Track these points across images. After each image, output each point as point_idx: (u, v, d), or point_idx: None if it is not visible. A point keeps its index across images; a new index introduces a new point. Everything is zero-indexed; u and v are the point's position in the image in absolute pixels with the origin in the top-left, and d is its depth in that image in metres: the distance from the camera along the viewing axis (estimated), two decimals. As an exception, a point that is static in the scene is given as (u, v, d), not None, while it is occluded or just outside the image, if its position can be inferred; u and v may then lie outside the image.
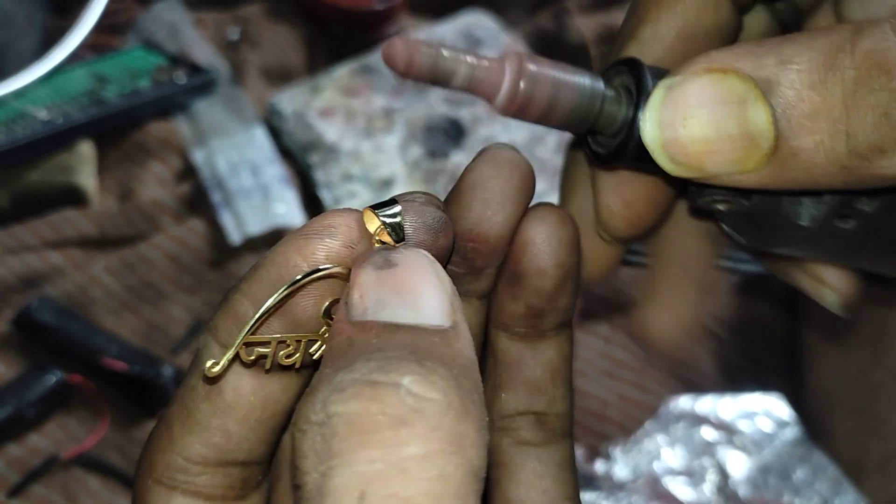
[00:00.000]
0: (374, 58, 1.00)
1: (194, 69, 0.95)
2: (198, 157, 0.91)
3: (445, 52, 0.29)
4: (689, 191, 0.34)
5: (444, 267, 0.31)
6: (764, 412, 0.74)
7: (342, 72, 0.98)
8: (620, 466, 0.73)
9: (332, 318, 0.27)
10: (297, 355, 0.27)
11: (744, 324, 0.83)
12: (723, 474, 0.72)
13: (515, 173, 0.31)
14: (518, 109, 0.30)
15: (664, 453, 0.73)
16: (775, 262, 0.39)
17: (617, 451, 0.73)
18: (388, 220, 0.28)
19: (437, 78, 0.29)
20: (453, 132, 0.94)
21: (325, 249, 0.27)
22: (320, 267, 0.27)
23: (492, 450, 0.33)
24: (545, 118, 0.31)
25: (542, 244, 0.32)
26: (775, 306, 0.84)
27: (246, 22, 1.04)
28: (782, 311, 0.83)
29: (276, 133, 0.94)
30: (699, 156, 0.28)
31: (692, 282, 0.40)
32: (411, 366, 0.23)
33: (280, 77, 1.01)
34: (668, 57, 0.34)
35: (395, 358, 0.23)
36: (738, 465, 0.73)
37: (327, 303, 0.27)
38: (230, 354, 0.26)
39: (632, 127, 0.31)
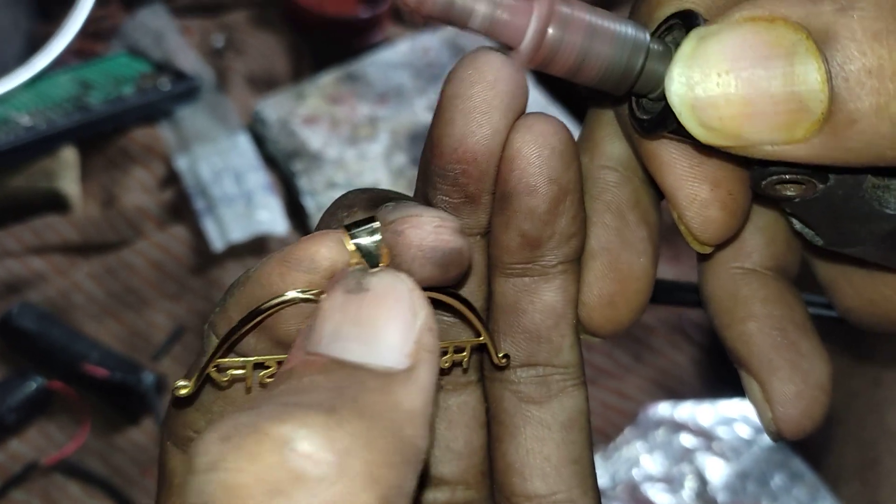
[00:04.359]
0: (360, 65, 1.00)
1: (179, 76, 0.95)
2: (181, 163, 0.91)
3: None
4: (751, 170, 0.28)
5: (460, 286, 0.29)
6: (742, 418, 0.75)
7: (327, 79, 0.99)
8: (600, 473, 0.73)
9: None
10: None
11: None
12: (701, 480, 0.73)
13: (500, 77, 0.26)
14: (544, 60, 0.26)
15: (643, 460, 0.74)
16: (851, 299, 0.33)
17: (596, 458, 0.74)
18: (364, 244, 0.25)
19: (451, 18, 0.25)
20: (437, 140, 0.95)
21: (306, 281, 0.25)
22: (287, 295, 0.25)
23: (494, 404, 0.31)
24: (576, 72, 0.26)
25: (531, 156, 0.27)
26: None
27: (231, 29, 1.04)
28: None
29: (260, 140, 0.94)
30: (735, 120, 0.24)
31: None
32: (316, 416, 0.20)
33: (265, 84, 1.01)
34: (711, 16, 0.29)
35: (303, 405, 0.21)
36: (717, 472, 0.73)
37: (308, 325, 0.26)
38: (197, 379, 0.26)
39: None
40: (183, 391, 0.26)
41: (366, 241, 0.25)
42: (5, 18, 0.97)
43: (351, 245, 0.25)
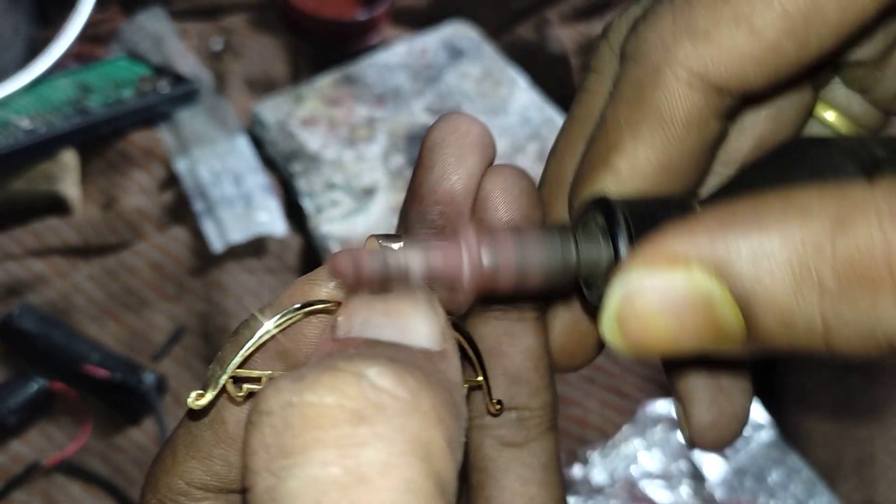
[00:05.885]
0: (357, 67, 1.01)
1: (178, 79, 0.96)
2: (180, 165, 0.92)
3: (393, 247, 0.26)
4: None
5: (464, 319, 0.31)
6: (739, 416, 0.75)
7: (325, 81, 0.99)
8: (598, 471, 0.73)
9: None
10: None
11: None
12: (699, 477, 0.73)
13: (472, 130, 0.30)
14: (489, 283, 0.27)
15: (641, 457, 0.74)
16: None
17: (595, 456, 0.74)
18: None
19: (390, 278, 0.26)
20: (435, 141, 0.95)
21: (328, 292, 0.27)
22: (309, 301, 0.26)
23: (472, 452, 0.32)
24: (522, 282, 0.28)
25: (503, 194, 0.30)
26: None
27: (230, 32, 1.05)
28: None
29: (258, 142, 0.95)
30: (667, 348, 0.26)
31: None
32: (382, 361, 0.21)
33: (263, 87, 1.01)
34: (651, 188, 0.31)
35: (368, 355, 0.22)
36: (714, 468, 0.74)
37: None
38: (215, 390, 0.26)
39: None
40: (200, 401, 0.26)
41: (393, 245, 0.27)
42: (5, 23, 0.98)
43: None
